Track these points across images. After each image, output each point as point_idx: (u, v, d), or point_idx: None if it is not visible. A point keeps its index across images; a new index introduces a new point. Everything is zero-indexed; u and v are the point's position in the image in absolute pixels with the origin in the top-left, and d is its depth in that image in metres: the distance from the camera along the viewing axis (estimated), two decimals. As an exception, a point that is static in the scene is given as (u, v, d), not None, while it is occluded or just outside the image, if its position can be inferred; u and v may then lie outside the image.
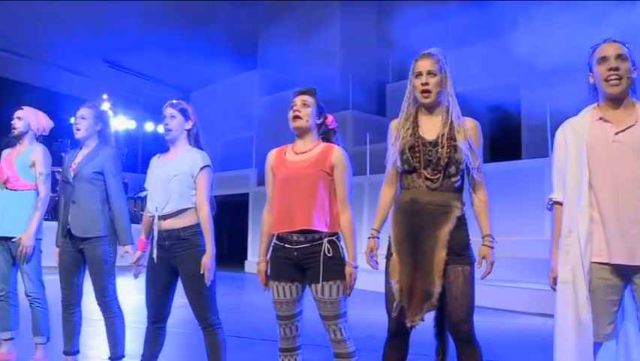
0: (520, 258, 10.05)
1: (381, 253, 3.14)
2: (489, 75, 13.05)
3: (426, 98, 3.03)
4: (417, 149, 2.99)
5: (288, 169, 3.29)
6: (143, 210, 4.76)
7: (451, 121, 3.02)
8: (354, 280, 3.20)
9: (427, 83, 3.02)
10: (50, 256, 4.34)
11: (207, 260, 3.51)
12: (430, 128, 3.05)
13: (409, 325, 2.92)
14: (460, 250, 2.93)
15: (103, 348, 4.57)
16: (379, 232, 3.19)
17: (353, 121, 17.44)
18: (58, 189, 4.89)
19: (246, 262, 17.56)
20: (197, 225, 3.61)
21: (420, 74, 3.05)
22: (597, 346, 2.79)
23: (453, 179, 2.97)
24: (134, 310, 5.27)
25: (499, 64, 12.77)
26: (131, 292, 5.51)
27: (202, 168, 3.66)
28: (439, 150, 2.96)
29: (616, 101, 2.85)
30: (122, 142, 18.69)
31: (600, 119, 2.86)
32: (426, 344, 3.14)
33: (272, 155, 3.46)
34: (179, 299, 3.66)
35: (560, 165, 2.97)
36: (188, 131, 3.80)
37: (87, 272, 4.15)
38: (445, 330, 3.07)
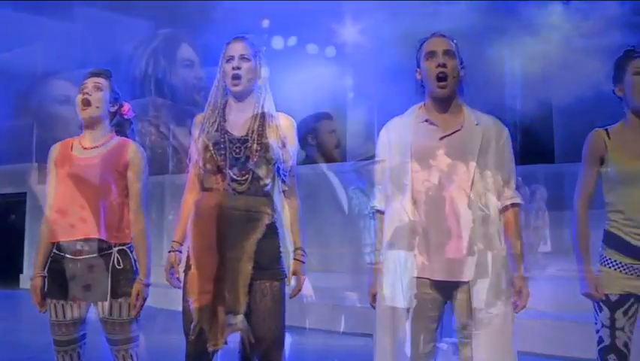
0: (347, 272, 10.30)
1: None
2: (309, 70, 13.31)
3: (236, 85, 3.06)
4: (222, 145, 3.00)
5: (74, 166, 3.20)
6: None
7: (263, 116, 3.07)
8: (144, 300, 3.17)
9: (238, 68, 3.05)
10: None
11: None
12: (239, 123, 3.08)
13: (210, 349, 2.90)
14: (268, 263, 2.97)
15: None
16: (182, 245, 3.14)
17: (155, 110, 17.09)
18: None
19: (21, 276, 16.66)
20: None
21: (231, 58, 3.08)
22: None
23: (262, 182, 3.01)
24: None
25: (323, 57, 13.06)
26: None
27: None
28: (248, 147, 2.99)
29: (443, 102, 3.00)
30: None
31: (426, 121, 2.99)
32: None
33: (55, 149, 3.34)
34: None
35: (382, 169, 3.07)
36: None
37: None
38: (252, 356, 3.05)
